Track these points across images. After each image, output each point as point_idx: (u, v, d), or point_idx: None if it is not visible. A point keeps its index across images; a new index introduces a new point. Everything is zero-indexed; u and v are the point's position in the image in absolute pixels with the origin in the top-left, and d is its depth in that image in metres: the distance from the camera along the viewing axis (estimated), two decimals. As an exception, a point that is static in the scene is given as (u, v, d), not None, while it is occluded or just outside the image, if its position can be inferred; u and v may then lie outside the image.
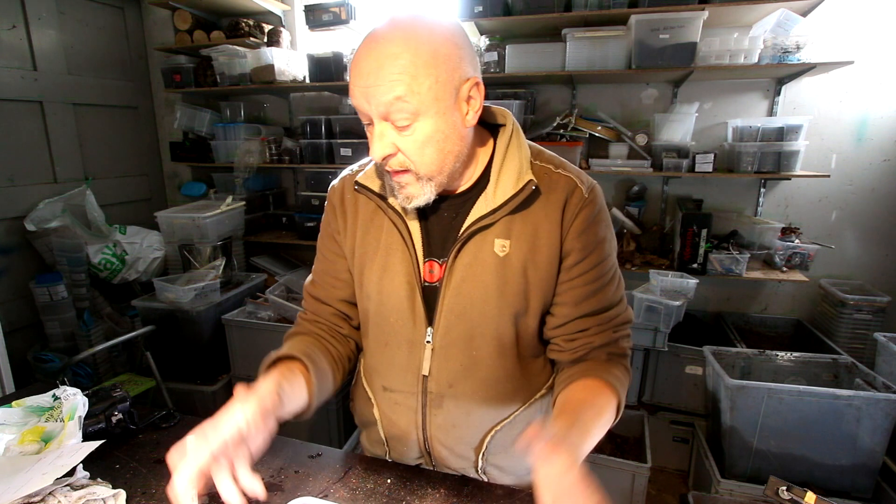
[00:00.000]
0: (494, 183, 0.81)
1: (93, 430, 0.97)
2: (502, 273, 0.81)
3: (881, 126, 2.21)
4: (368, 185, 0.86)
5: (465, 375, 0.86)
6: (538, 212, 0.81)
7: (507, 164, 0.81)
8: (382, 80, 0.69)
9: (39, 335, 2.51)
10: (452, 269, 0.82)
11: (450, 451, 0.92)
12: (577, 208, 0.81)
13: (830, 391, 1.58)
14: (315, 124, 2.68)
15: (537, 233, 0.81)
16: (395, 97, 0.69)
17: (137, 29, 3.06)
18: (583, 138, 2.42)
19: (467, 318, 0.83)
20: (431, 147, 0.74)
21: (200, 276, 2.47)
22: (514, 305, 0.82)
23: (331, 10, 2.65)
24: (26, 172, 2.48)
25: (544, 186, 0.81)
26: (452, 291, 0.83)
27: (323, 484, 0.86)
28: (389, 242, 0.86)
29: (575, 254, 0.82)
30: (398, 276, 0.85)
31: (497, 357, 0.86)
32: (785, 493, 0.96)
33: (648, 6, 2.06)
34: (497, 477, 0.94)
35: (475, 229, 0.81)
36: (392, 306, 0.87)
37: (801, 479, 1.65)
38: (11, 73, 2.39)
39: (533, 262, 0.81)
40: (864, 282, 2.31)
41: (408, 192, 0.77)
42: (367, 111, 0.73)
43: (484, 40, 2.44)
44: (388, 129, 0.73)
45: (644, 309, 2.15)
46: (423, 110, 0.71)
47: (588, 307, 0.84)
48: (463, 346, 0.85)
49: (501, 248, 0.81)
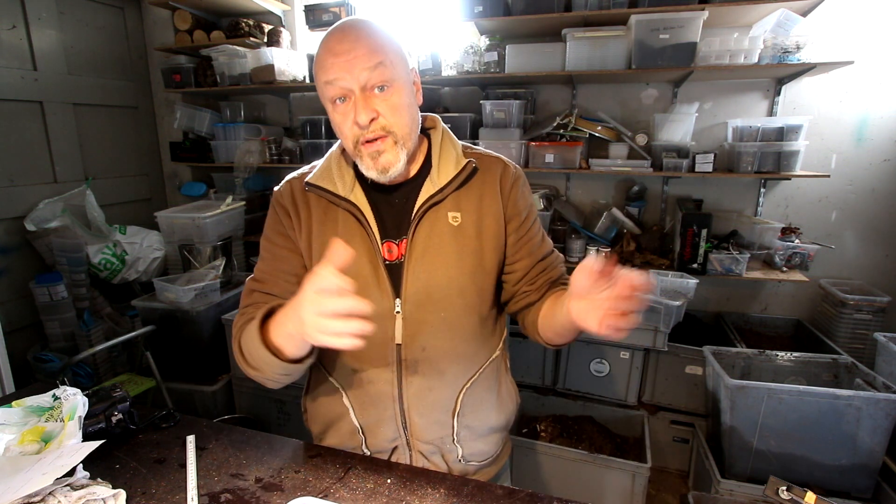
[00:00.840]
0: (437, 168, 0.94)
1: (93, 430, 0.97)
2: (459, 239, 0.94)
3: (881, 126, 2.21)
4: (319, 183, 0.94)
5: (436, 336, 0.94)
6: (479, 186, 0.96)
7: (444, 154, 0.96)
8: (364, 50, 0.81)
9: (39, 335, 2.51)
10: (413, 242, 0.92)
11: (427, 419, 0.97)
12: (511, 181, 0.98)
13: (830, 391, 1.58)
14: (315, 124, 2.68)
15: (482, 202, 0.95)
16: (378, 62, 0.82)
17: (137, 29, 3.06)
18: (583, 138, 2.42)
19: (433, 282, 0.92)
20: (404, 112, 0.87)
21: (200, 276, 2.47)
22: (472, 265, 0.94)
23: (331, 10, 2.65)
24: (26, 172, 2.48)
25: (480, 165, 0.97)
26: (416, 261, 0.92)
27: (323, 484, 0.86)
28: (347, 230, 0.93)
29: (517, 217, 0.98)
30: (360, 259, 0.92)
31: (463, 314, 0.95)
32: (785, 493, 0.96)
33: (648, 6, 2.06)
34: (468, 439, 1.01)
35: (428, 206, 0.93)
36: (358, 287, 0.88)
37: (801, 479, 1.65)
38: (11, 73, 2.39)
39: (484, 227, 0.95)
40: (864, 282, 2.31)
41: (385, 160, 0.87)
42: (347, 83, 0.83)
43: (484, 40, 2.45)
44: (368, 97, 0.84)
45: (644, 309, 2.15)
46: (396, 79, 0.85)
47: (539, 254, 1.00)
48: (431, 309, 0.93)
49: (454, 218, 0.94)
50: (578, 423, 2.30)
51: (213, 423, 1.05)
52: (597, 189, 2.67)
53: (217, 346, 2.47)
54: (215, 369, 2.52)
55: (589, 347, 2.30)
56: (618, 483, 1.96)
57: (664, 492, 2.23)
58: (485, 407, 1.02)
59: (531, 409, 2.42)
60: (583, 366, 2.33)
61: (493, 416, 1.04)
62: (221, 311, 2.46)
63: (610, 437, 2.24)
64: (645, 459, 1.94)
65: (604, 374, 2.31)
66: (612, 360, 2.28)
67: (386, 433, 0.98)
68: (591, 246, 2.41)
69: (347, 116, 0.85)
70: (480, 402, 1.01)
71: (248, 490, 0.84)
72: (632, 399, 2.29)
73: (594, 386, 2.34)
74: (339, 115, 0.86)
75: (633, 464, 1.92)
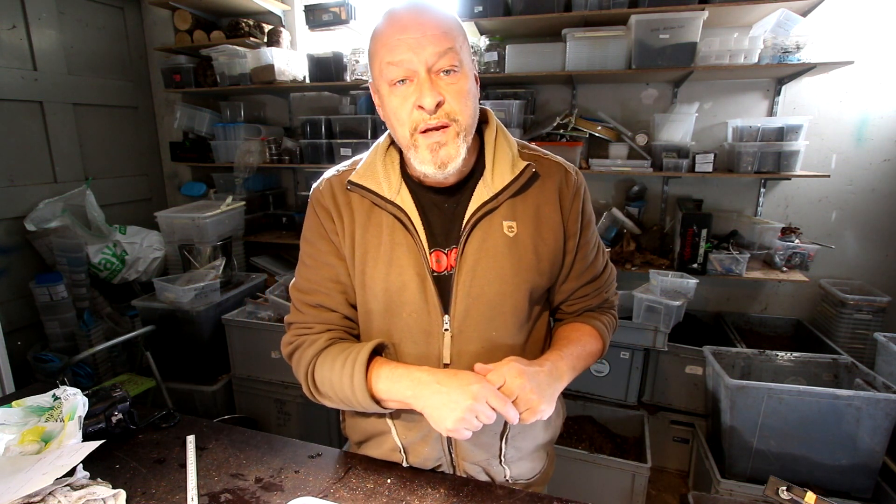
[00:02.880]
0: (490, 171, 0.86)
1: (93, 430, 0.97)
2: (515, 251, 0.86)
3: (881, 126, 2.21)
4: (363, 183, 0.86)
5: (487, 356, 0.86)
6: (537, 193, 0.88)
7: (500, 153, 0.87)
8: (436, 31, 0.75)
9: (39, 335, 2.51)
10: (465, 253, 0.84)
11: (473, 442, 0.90)
12: (573, 191, 0.90)
13: (830, 391, 1.58)
14: (315, 124, 2.68)
15: (539, 212, 0.87)
16: (448, 48, 0.75)
17: (137, 29, 3.05)
18: (583, 138, 2.42)
19: (485, 298, 0.85)
20: (470, 99, 0.79)
21: (200, 276, 2.47)
22: (529, 280, 0.87)
23: (331, 10, 2.65)
24: (26, 172, 2.48)
25: (540, 171, 0.88)
26: (467, 275, 0.84)
27: (323, 484, 0.86)
28: (393, 237, 0.85)
29: (573, 236, 0.91)
30: (407, 270, 0.85)
31: (516, 333, 0.89)
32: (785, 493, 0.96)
33: (648, 6, 2.06)
34: (515, 459, 0.96)
35: (481, 214, 0.84)
36: (404, 301, 0.86)
37: (801, 479, 1.65)
38: (11, 73, 2.39)
39: (541, 239, 0.87)
40: (864, 282, 2.31)
41: (445, 154, 0.79)
42: (412, 64, 0.75)
43: (484, 40, 2.44)
44: (435, 79, 0.76)
45: (644, 309, 2.15)
46: (464, 64, 0.79)
47: (586, 277, 0.95)
48: (483, 328, 0.86)
49: (509, 228, 0.85)
50: (578, 423, 2.30)
51: (213, 423, 1.05)
52: (597, 189, 2.67)
53: (217, 346, 2.46)
54: (215, 369, 2.52)
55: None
56: (618, 483, 1.96)
57: (664, 492, 2.23)
58: (534, 427, 0.96)
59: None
60: (583, 366, 2.33)
61: (541, 434, 0.99)
62: (221, 311, 2.46)
63: (610, 437, 2.24)
64: (645, 459, 1.94)
65: (604, 374, 2.31)
66: (612, 360, 2.28)
67: (430, 454, 0.93)
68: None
69: (408, 99, 0.77)
70: (533, 424, 0.91)
71: (248, 490, 0.84)
72: (632, 399, 2.29)
73: (594, 386, 2.34)
74: (398, 97, 0.77)
75: (633, 464, 1.92)
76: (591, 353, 0.93)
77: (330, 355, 0.86)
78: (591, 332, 0.95)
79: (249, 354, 2.42)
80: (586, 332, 0.95)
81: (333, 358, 0.85)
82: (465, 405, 0.73)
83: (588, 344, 0.93)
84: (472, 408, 0.72)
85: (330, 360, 0.85)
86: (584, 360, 0.91)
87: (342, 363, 0.82)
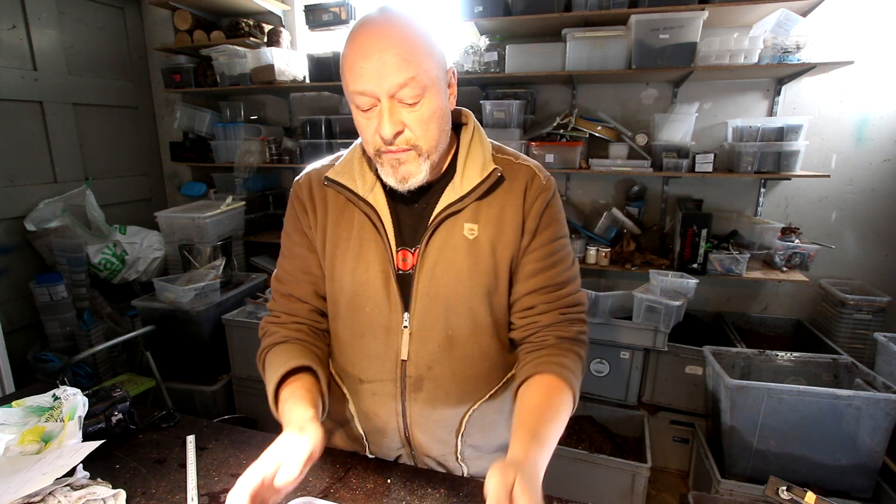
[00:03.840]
0: (461, 173, 0.87)
1: (93, 430, 0.97)
2: (473, 254, 0.86)
3: (881, 126, 2.21)
4: (339, 179, 0.89)
5: (443, 356, 0.89)
6: (502, 197, 0.88)
7: (472, 157, 0.88)
8: (396, 61, 0.73)
9: (39, 335, 2.51)
10: (425, 254, 0.86)
11: (430, 437, 0.93)
12: (537, 193, 0.88)
13: (830, 391, 1.58)
14: (315, 124, 2.68)
15: (502, 215, 0.87)
16: (409, 77, 0.74)
17: (137, 29, 3.06)
18: (583, 138, 2.42)
19: (442, 299, 0.87)
20: (434, 123, 0.80)
21: (200, 276, 2.47)
22: (484, 284, 0.87)
23: (331, 10, 2.65)
24: (26, 172, 2.48)
25: (507, 174, 0.88)
26: (426, 275, 0.86)
27: (323, 484, 0.86)
28: (362, 233, 0.88)
29: (529, 234, 0.88)
30: (373, 266, 0.87)
31: (472, 335, 0.89)
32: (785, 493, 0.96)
33: (648, 6, 2.06)
34: (473, 458, 0.97)
35: (445, 215, 0.86)
36: (367, 296, 0.88)
37: (801, 479, 1.65)
38: (11, 73, 2.39)
39: (500, 242, 0.87)
40: (864, 282, 2.31)
41: (406, 170, 0.81)
42: (375, 92, 0.75)
43: (484, 40, 2.44)
44: (396, 106, 0.77)
45: (644, 309, 2.15)
46: (428, 88, 0.77)
47: (536, 283, 0.89)
48: (440, 328, 0.88)
49: (470, 230, 0.86)
50: (578, 423, 2.30)
51: (213, 423, 1.05)
52: (597, 189, 2.67)
53: (217, 346, 2.47)
54: (215, 369, 2.52)
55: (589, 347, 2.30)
56: (618, 483, 1.96)
57: (664, 492, 2.23)
58: (494, 428, 0.96)
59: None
60: (583, 366, 2.33)
61: (502, 435, 0.97)
62: (221, 311, 2.46)
63: (610, 437, 2.24)
64: (645, 459, 1.94)
65: (604, 374, 2.31)
66: (612, 360, 2.28)
67: (389, 444, 0.96)
68: (591, 246, 2.41)
69: (371, 123, 0.78)
70: (490, 423, 0.95)
71: (248, 490, 0.84)
72: (632, 399, 2.29)
73: (594, 386, 2.34)
74: (363, 119, 0.80)
75: (633, 464, 1.92)
76: (565, 419, 0.81)
77: (273, 355, 0.90)
78: (562, 397, 0.82)
79: (249, 354, 2.42)
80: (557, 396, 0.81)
81: (273, 358, 0.89)
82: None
83: (562, 411, 0.80)
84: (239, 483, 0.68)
85: (272, 359, 0.89)
86: (558, 433, 0.79)
87: (273, 370, 0.86)
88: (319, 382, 0.87)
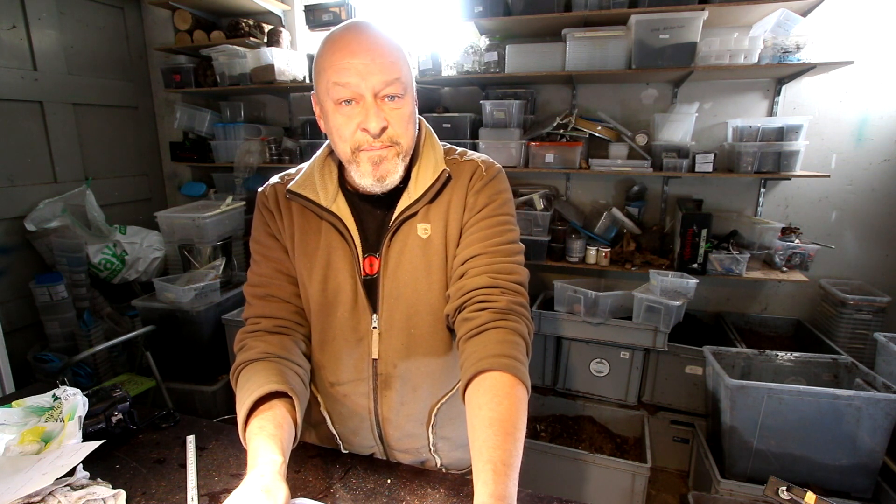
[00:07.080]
0: (415, 178, 0.91)
1: (93, 430, 0.97)
2: (427, 253, 0.90)
3: (881, 126, 2.21)
4: (301, 192, 0.91)
5: (408, 353, 0.93)
6: (449, 193, 0.91)
7: (424, 163, 0.92)
8: (383, 60, 0.79)
9: (39, 335, 2.51)
10: (387, 257, 0.90)
11: (401, 432, 0.97)
12: (476, 180, 0.92)
13: (830, 391, 1.58)
14: (315, 124, 2.67)
15: (449, 210, 0.91)
16: (395, 77, 0.80)
17: (137, 29, 3.05)
18: (583, 138, 2.42)
19: (404, 299, 0.91)
20: (411, 123, 0.86)
21: (200, 276, 2.47)
22: (441, 280, 0.91)
23: (331, 10, 2.65)
24: (26, 172, 2.48)
25: (454, 173, 0.92)
26: (389, 277, 0.90)
27: (323, 484, 0.86)
28: (329, 242, 0.91)
29: (469, 212, 0.91)
30: (342, 273, 0.91)
31: (433, 332, 0.93)
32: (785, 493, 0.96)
33: (648, 6, 2.06)
34: (447, 450, 1.01)
35: (402, 219, 0.89)
36: (339, 301, 0.92)
37: (801, 479, 1.65)
38: (11, 73, 2.39)
39: (449, 236, 0.91)
40: (864, 282, 2.31)
41: (385, 169, 0.84)
42: (359, 88, 0.79)
43: (484, 40, 2.45)
44: (379, 104, 0.81)
45: (644, 309, 2.15)
46: (408, 90, 0.84)
47: (469, 253, 0.88)
48: (403, 326, 0.92)
49: (423, 230, 0.90)
50: (578, 423, 2.30)
51: (213, 423, 1.05)
52: (597, 189, 2.67)
53: (217, 346, 2.47)
54: (215, 369, 2.52)
55: (589, 347, 2.30)
56: (618, 483, 1.96)
57: (664, 492, 2.23)
58: (464, 419, 0.91)
59: (531, 410, 2.41)
60: (583, 366, 2.33)
61: None
62: (221, 311, 2.46)
63: (610, 437, 2.25)
64: (645, 459, 1.94)
65: (604, 374, 2.31)
66: (612, 360, 2.28)
67: (362, 441, 1.00)
68: (591, 246, 2.41)
69: (353, 120, 0.81)
70: (459, 414, 0.99)
71: (248, 490, 0.83)
72: (632, 399, 2.29)
73: (594, 386, 2.34)
74: (343, 116, 0.81)
75: (633, 464, 1.92)
76: (524, 424, 0.75)
77: (247, 374, 0.85)
78: (517, 402, 0.75)
79: (249, 354, 2.42)
80: (513, 403, 0.74)
81: (246, 380, 0.84)
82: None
83: (521, 418, 0.74)
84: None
85: (244, 380, 0.85)
86: (521, 445, 0.73)
87: (245, 393, 0.81)
88: (294, 409, 0.82)
